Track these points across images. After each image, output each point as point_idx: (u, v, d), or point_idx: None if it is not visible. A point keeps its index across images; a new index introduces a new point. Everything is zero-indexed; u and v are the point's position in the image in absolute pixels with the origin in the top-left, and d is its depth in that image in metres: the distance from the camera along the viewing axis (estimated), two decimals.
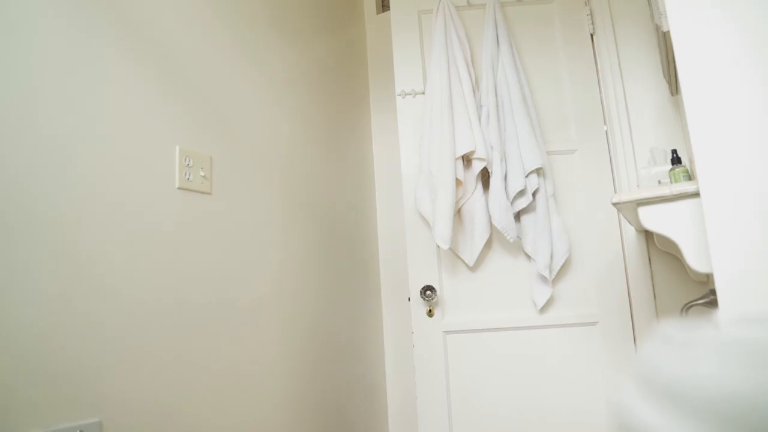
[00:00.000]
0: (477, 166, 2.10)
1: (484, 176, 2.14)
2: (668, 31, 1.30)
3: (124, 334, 1.37)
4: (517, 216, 2.11)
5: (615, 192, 2.12)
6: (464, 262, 2.14)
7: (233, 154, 1.82)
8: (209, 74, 1.77)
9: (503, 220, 2.02)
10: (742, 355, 0.20)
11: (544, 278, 2.05)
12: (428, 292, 2.06)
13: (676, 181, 1.52)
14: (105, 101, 1.42)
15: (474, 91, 2.17)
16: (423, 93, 2.24)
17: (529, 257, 2.12)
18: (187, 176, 1.60)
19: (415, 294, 2.11)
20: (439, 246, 2.11)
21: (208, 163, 1.69)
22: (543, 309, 2.08)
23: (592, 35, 2.28)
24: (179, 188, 1.58)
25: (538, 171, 2.09)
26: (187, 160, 1.61)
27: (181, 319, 1.53)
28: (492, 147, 2.08)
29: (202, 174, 1.66)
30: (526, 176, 2.06)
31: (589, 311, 2.07)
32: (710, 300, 1.61)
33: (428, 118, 2.14)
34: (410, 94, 2.22)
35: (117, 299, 1.37)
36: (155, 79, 1.57)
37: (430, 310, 2.08)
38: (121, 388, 1.34)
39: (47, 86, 1.29)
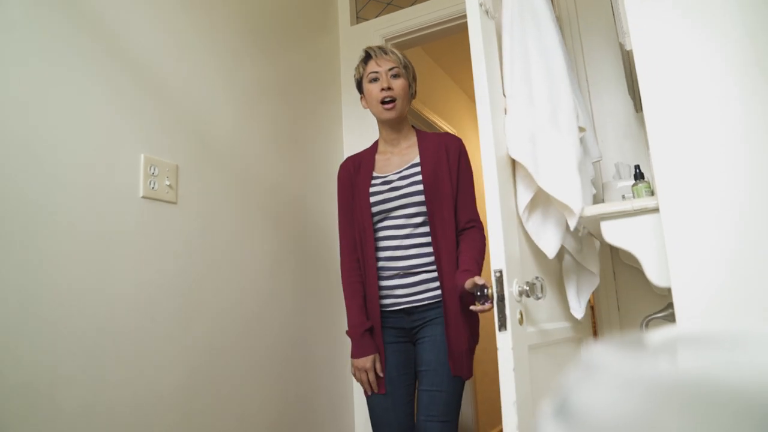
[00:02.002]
0: None
1: None
2: (631, 50, 1.33)
3: (86, 346, 1.34)
4: None
5: None
6: (543, 252, 1.53)
7: (201, 162, 1.80)
8: (178, 81, 1.75)
9: (585, 203, 1.49)
10: (640, 389, 0.21)
11: (591, 280, 1.72)
12: (539, 287, 1.33)
13: (638, 197, 1.55)
14: (66, 105, 1.39)
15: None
16: (494, 18, 1.55)
17: (565, 254, 1.73)
18: (151, 185, 1.58)
19: (513, 289, 1.30)
20: (570, 212, 1.44)
21: (174, 172, 1.67)
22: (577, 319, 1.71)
23: None
24: (143, 197, 1.55)
25: (595, 165, 1.91)
26: (152, 168, 1.59)
27: (146, 327, 1.50)
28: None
29: (168, 183, 1.63)
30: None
31: (575, 325, 1.81)
32: (669, 313, 1.64)
33: (536, 46, 1.58)
34: (488, 12, 1.49)
35: (78, 309, 1.34)
36: (121, 84, 1.54)
37: (521, 315, 1.34)
38: (81, 403, 1.31)
39: (8, 88, 1.26)
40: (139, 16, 1.64)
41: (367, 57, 1.89)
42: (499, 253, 1.30)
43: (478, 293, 1.41)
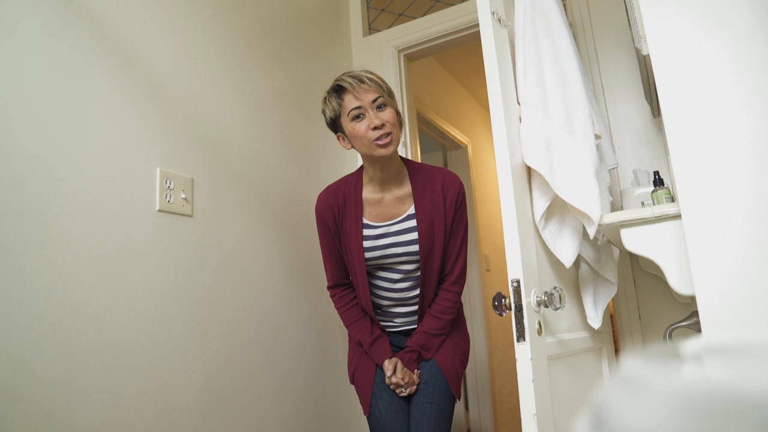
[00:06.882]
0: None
1: None
2: (648, 54, 1.31)
3: (101, 360, 1.34)
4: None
5: None
6: (560, 261, 1.50)
7: (216, 174, 1.80)
8: (192, 93, 1.76)
9: (603, 211, 1.48)
10: (695, 408, 0.19)
11: (608, 289, 1.71)
12: (557, 297, 1.31)
13: (658, 203, 1.52)
14: (85, 120, 1.40)
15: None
16: (507, 26, 1.55)
17: (581, 263, 1.71)
18: (167, 199, 1.59)
19: (531, 299, 1.28)
20: (589, 220, 1.41)
21: (190, 185, 1.68)
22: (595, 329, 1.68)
23: None
24: (159, 211, 1.56)
25: (611, 172, 1.91)
26: (168, 182, 1.60)
27: (162, 340, 1.50)
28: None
29: (183, 196, 1.64)
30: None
31: (595, 335, 1.78)
32: (694, 322, 1.60)
33: (549, 54, 1.57)
34: (501, 21, 1.48)
35: (94, 322, 1.34)
36: (137, 98, 1.56)
37: (540, 326, 1.31)
38: (98, 417, 1.30)
39: (29, 102, 1.27)
40: (154, 29, 1.66)
41: (340, 89, 1.59)
42: (515, 263, 1.27)
43: (496, 303, 1.39)
